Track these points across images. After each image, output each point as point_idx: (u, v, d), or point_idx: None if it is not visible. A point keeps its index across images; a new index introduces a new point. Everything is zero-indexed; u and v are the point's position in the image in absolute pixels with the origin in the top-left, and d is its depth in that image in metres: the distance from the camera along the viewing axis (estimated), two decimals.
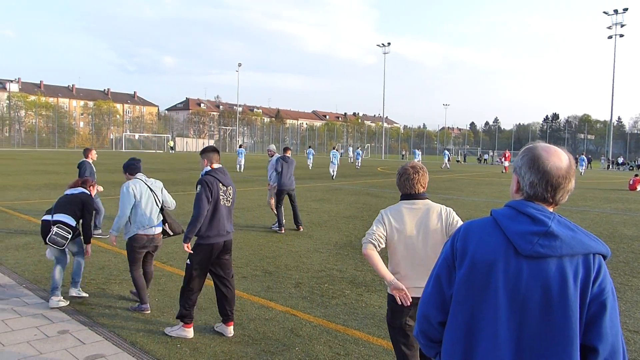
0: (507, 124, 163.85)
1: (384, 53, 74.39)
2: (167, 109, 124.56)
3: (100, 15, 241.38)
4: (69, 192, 5.98)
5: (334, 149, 29.68)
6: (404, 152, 51.63)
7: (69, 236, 5.52)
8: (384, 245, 3.17)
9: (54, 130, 79.74)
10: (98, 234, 9.15)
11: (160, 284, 6.30)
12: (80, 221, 5.76)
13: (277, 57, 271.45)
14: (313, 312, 5.44)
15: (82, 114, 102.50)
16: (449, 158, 44.93)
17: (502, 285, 1.64)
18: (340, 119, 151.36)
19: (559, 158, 1.69)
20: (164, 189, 5.76)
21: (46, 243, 5.49)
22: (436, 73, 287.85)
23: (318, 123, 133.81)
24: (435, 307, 1.80)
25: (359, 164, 41.09)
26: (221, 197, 4.82)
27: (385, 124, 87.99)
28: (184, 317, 4.74)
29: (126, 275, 6.57)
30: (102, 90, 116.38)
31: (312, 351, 4.46)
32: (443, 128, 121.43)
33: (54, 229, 5.45)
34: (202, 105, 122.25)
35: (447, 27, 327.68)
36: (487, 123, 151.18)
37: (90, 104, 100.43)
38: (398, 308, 3.06)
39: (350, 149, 59.64)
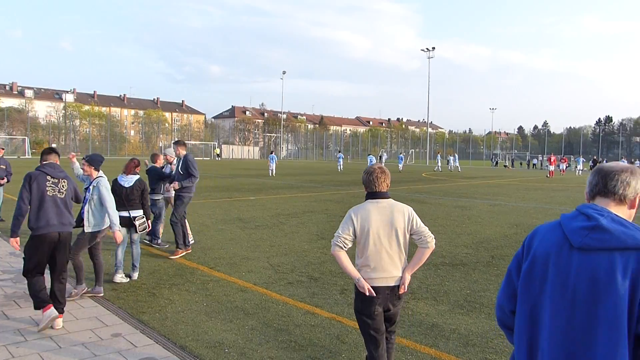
0: (557, 128, 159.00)
1: (429, 58, 73.59)
2: (213, 117, 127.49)
3: (150, 26, 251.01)
4: (125, 183, 6.84)
5: (369, 155, 30.49)
6: (450, 157, 50.82)
7: (145, 221, 6.87)
8: (351, 245, 3.47)
9: (106, 138, 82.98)
10: (157, 245, 8.91)
11: (208, 289, 6.41)
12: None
13: (321, 63, 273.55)
14: None
15: (132, 123, 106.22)
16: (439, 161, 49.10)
17: (553, 276, 1.80)
18: (384, 124, 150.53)
19: (615, 164, 1.94)
20: None
21: (136, 232, 6.86)
22: (483, 77, 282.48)
23: (362, 129, 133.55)
24: (507, 298, 2.02)
25: (401, 168, 43.00)
26: (48, 189, 5.02)
27: (429, 129, 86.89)
28: (39, 305, 4.88)
29: (176, 280, 6.73)
30: (152, 99, 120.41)
31: (359, 358, 4.41)
32: (490, 132, 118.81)
33: (137, 222, 6.74)
34: (247, 112, 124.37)
35: (494, 30, 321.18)
36: (535, 127, 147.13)
37: (141, 113, 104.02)
38: (368, 298, 3.38)
39: (385, 155, 60.74)
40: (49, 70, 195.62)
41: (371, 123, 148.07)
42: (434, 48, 73.06)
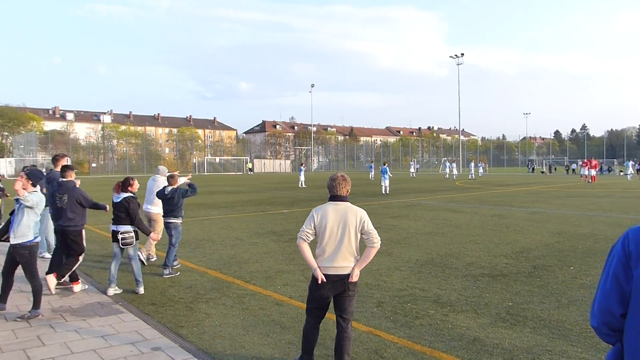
0: (596, 131, 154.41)
1: (457, 64, 72.80)
2: (244, 132, 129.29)
3: (179, 47, 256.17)
4: (114, 199, 7.12)
5: (384, 164, 29.04)
6: (482, 164, 50.15)
7: (134, 237, 7.05)
8: (312, 238, 4.08)
9: (142, 156, 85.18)
10: (168, 274, 7.89)
11: (245, 302, 6.42)
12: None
13: (348, 75, 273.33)
14: (397, 332, 5.30)
15: (167, 141, 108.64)
16: (449, 168, 50.35)
17: None
18: (414, 133, 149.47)
19: None
20: None
21: (120, 246, 7.03)
22: (514, 81, 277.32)
23: (392, 139, 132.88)
24: (617, 302, 2.12)
25: (414, 175, 44.46)
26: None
27: (461, 137, 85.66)
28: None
29: (213, 294, 6.78)
30: (185, 117, 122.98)
31: None
32: (524, 138, 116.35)
33: (120, 236, 6.95)
34: (277, 126, 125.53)
35: (522, 33, 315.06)
36: (573, 130, 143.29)
37: (174, 130, 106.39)
38: (320, 284, 4.01)
39: (417, 164, 60.56)
40: (87, 93, 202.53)
41: (401, 133, 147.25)
42: (462, 54, 72.26)
